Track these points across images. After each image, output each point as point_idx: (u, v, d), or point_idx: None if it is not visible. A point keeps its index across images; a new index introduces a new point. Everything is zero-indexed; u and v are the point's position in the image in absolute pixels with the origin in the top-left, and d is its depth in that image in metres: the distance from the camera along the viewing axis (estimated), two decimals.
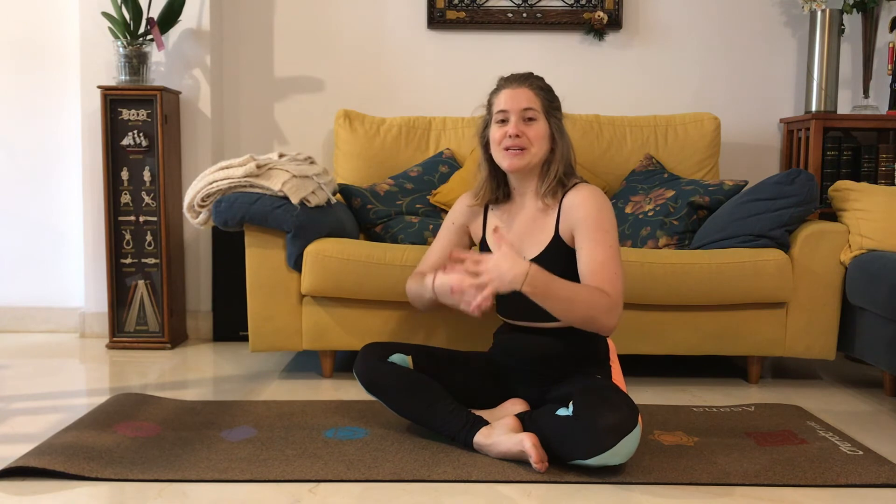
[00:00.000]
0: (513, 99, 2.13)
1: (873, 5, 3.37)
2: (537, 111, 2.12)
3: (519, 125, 2.11)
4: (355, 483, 1.84)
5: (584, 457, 1.83)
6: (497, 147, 2.15)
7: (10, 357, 3.11)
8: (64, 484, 1.82)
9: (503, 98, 2.14)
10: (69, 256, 3.59)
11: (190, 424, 2.22)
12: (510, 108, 2.12)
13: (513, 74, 2.20)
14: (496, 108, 2.16)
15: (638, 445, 1.88)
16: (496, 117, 2.16)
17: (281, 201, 2.67)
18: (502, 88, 2.17)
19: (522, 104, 2.12)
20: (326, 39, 3.59)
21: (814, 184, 2.73)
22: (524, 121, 2.12)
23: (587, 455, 1.83)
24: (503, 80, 2.20)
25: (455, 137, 3.37)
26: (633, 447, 1.85)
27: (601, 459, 1.82)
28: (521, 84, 2.14)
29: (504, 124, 2.13)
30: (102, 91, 3.19)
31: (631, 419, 1.84)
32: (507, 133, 2.11)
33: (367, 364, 2.16)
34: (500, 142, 2.13)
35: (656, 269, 2.62)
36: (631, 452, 1.86)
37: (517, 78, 2.17)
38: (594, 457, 1.82)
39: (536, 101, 2.13)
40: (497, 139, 2.14)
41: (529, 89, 2.14)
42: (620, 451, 1.82)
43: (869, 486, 1.85)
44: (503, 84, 2.18)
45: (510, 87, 2.15)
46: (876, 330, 2.56)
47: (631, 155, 3.32)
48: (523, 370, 2.17)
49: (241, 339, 3.37)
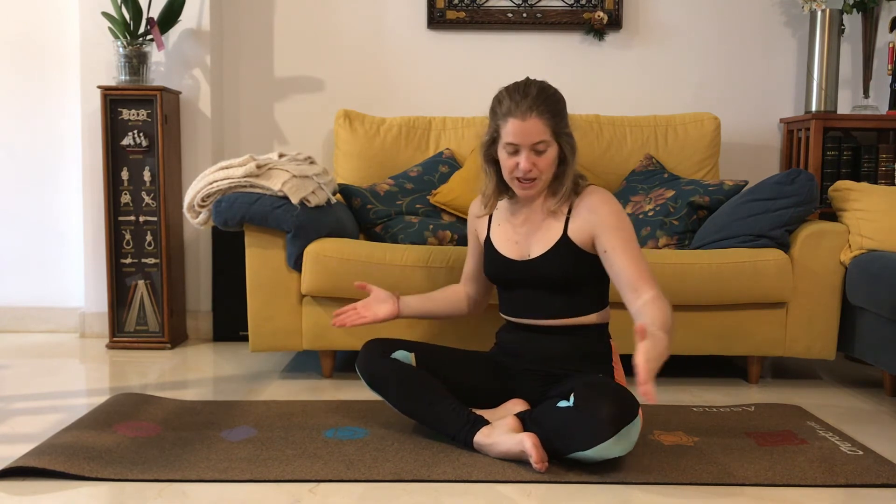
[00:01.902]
0: (523, 134, 2.04)
1: (873, 5, 3.37)
2: (548, 139, 2.07)
3: (530, 157, 2.07)
4: (355, 483, 1.84)
5: (584, 447, 1.83)
6: (508, 174, 2.11)
7: (10, 357, 3.11)
8: (64, 484, 1.82)
9: (512, 130, 2.05)
10: (69, 256, 3.59)
11: (190, 424, 2.22)
12: (521, 143, 2.06)
13: (520, 94, 2.06)
14: (505, 137, 2.07)
15: (637, 438, 1.88)
16: (505, 146, 2.08)
17: (281, 201, 2.67)
18: (510, 116, 2.05)
19: (533, 139, 2.05)
20: (326, 39, 3.59)
21: (814, 184, 2.73)
22: (535, 152, 2.07)
23: (587, 445, 1.82)
24: (510, 101, 2.06)
25: (455, 137, 3.37)
26: (633, 439, 1.85)
27: (601, 450, 1.82)
28: (530, 113, 2.03)
29: (514, 155, 2.08)
30: (102, 91, 3.19)
31: (631, 410, 1.84)
32: (518, 165, 2.07)
33: (369, 360, 2.17)
34: (512, 171, 2.10)
35: (656, 269, 2.61)
36: (631, 444, 1.86)
37: (525, 105, 2.04)
38: (594, 447, 1.82)
39: (546, 130, 2.06)
40: (508, 168, 2.10)
41: (539, 119, 2.04)
42: (620, 441, 1.82)
43: (869, 486, 1.85)
44: (511, 109, 2.05)
45: (518, 118, 2.04)
46: (876, 330, 2.56)
47: (631, 155, 3.32)
48: (526, 369, 2.17)
49: (241, 339, 3.37)
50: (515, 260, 2.17)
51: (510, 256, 2.18)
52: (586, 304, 2.15)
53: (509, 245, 2.19)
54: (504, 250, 2.19)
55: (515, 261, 2.17)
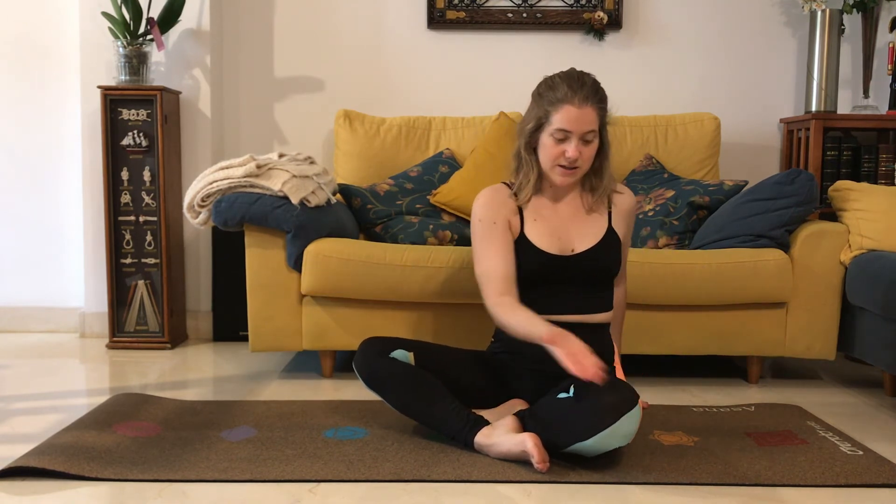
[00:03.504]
0: (578, 121, 2.04)
1: (873, 5, 3.37)
2: (596, 132, 2.08)
3: (579, 146, 2.06)
4: (355, 483, 1.84)
5: (585, 437, 1.83)
6: (550, 161, 2.10)
7: (10, 357, 3.11)
8: (64, 484, 1.82)
9: (567, 116, 2.04)
10: (69, 256, 3.59)
11: (190, 424, 2.22)
12: (574, 129, 2.05)
13: (577, 83, 2.06)
14: (556, 123, 2.05)
15: (636, 430, 1.88)
16: (554, 132, 2.07)
17: (281, 201, 2.67)
18: (566, 102, 2.04)
19: (586, 128, 2.05)
20: (326, 39, 3.59)
21: (814, 184, 2.73)
22: (583, 141, 2.07)
23: (588, 434, 1.83)
24: (567, 88, 2.06)
25: (455, 137, 3.37)
26: (633, 428, 1.85)
27: (601, 439, 1.82)
28: (587, 103, 2.04)
29: (562, 142, 2.07)
30: (102, 91, 3.19)
31: (631, 399, 1.85)
32: (565, 153, 2.07)
33: (368, 359, 2.14)
34: (556, 158, 2.09)
35: (656, 269, 2.62)
36: (630, 434, 1.86)
37: (583, 94, 2.04)
38: (594, 436, 1.82)
39: (596, 121, 2.07)
40: (553, 155, 2.09)
41: (593, 109, 2.05)
42: (619, 430, 1.82)
43: (869, 486, 1.85)
44: (568, 96, 2.04)
45: (576, 105, 2.03)
46: (876, 330, 2.56)
47: (631, 155, 3.32)
48: (528, 368, 2.16)
49: (241, 339, 3.37)
50: (557, 255, 2.14)
51: (551, 252, 2.14)
52: (610, 301, 2.21)
53: (551, 240, 2.15)
54: (544, 246, 2.14)
55: (558, 256, 2.14)
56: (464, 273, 2.58)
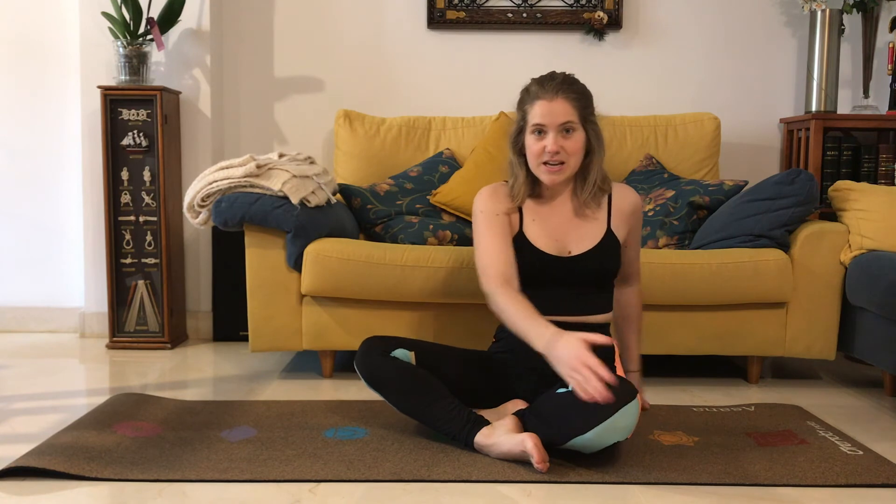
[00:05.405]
0: (550, 113, 2.07)
1: (873, 5, 3.37)
2: (574, 122, 2.08)
3: (558, 140, 2.07)
4: (355, 483, 1.84)
5: (585, 429, 1.84)
6: (535, 160, 2.12)
7: (10, 357, 3.11)
8: (64, 484, 1.82)
9: (539, 110, 2.08)
10: (69, 256, 3.59)
11: (190, 424, 2.22)
12: (548, 122, 2.07)
13: (547, 79, 2.11)
14: (532, 119, 2.10)
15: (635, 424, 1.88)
16: (532, 128, 2.10)
17: (281, 201, 2.67)
18: (537, 98, 2.09)
19: (560, 119, 2.07)
20: (326, 39, 3.59)
21: (814, 184, 2.72)
22: (562, 134, 2.08)
23: (587, 427, 1.83)
24: (537, 86, 2.11)
25: (455, 137, 3.37)
26: (631, 421, 1.86)
27: (600, 432, 1.82)
28: (557, 94, 2.07)
29: (541, 137, 2.09)
30: (102, 91, 3.19)
31: (629, 391, 1.86)
32: (545, 148, 2.08)
33: (369, 358, 2.14)
34: (539, 155, 2.10)
35: (656, 269, 2.62)
36: (629, 427, 1.86)
37: (552, 87, 2.08)
38: (594, 428, 1.82)
39: (573, 112, 2.08)
40: (535, 153, 2.11)
41: (566, 100, 2.07)
42: (618, 422, 1.82)
43: (869, 486, 1.85)
44: (538, 93, 2.09)
45: (546, 99, 2.07)
46: (876, 330, 2.56)
47: (631, 155, 3.32)
48: (528, 368, 2.16)
49: (241, 339, 3.37)
50: (555, 256, 2.15)
51: (549, 252, 2.16)
52: (608, 302, 2.20)
53: (549, 241, 2.16)
54: (542, 246, 2.16)
55: (555, 257, 2.15)
56: (464, 273, 2.58)
